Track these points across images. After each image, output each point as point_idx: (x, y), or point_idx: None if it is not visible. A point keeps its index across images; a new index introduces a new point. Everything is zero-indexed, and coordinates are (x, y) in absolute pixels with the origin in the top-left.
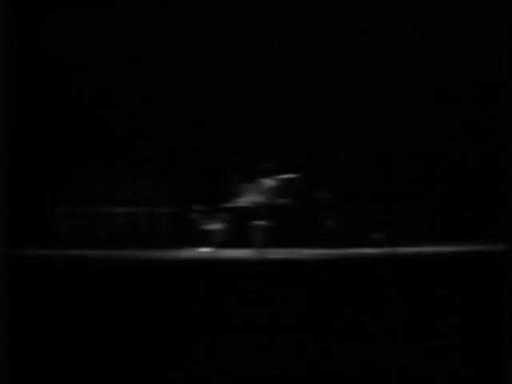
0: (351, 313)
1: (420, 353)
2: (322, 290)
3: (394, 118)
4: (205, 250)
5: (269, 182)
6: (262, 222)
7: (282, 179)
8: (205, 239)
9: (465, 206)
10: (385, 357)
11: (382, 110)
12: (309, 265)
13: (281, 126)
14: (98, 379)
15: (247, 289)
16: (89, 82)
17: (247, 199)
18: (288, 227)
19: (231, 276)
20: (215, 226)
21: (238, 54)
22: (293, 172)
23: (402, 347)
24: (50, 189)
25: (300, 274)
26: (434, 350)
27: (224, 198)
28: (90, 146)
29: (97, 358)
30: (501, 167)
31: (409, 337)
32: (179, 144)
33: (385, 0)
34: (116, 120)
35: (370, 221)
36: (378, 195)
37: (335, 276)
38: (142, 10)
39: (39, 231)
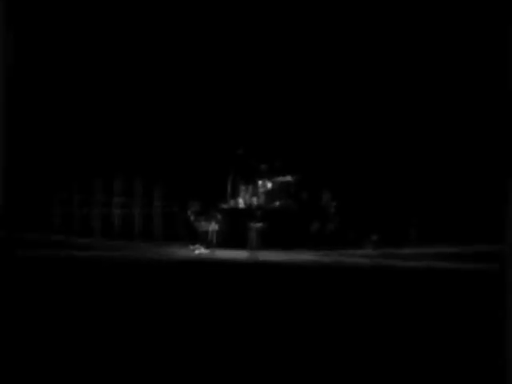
0: (346, 317)
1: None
2: (317, 293)
3: (392, 118)
4: (200, 251)
5: (266, 184)
6: (257, 224)
7: (280, 181)
8: (200, 240)
9: (462, 207)
10: (379, 364)
11: (381, 111)
12: (304, 268)
13: (279, 128)
14: (92, 379)
15: (241, 290)
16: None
17: (243, 200)
18: (284, 229)
19: (225, 277)
20: (210, 227)
21: (234, 56)
22: (291, 174)
23: (399, 353)
24: (47, 186)
25: (294, 277)
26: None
27: (220, 199)
28: (86, 148)
29: (88, 358)
30: (500, 167)
31: (407, 341)
32: (176, 143)
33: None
34: (114, 117)
35: (367, 223)
36: (376, 196)
37: (330, 279)
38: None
39: (34, 230)
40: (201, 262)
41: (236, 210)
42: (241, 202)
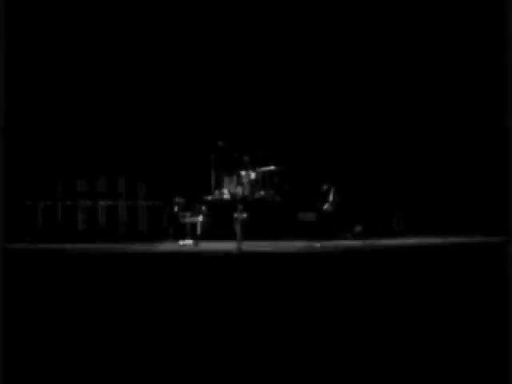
0: (333, 305)
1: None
2: (303, 282)
3: (387, 111)
4: (185, 243)
5: (249, 174)
6: (242, 215)
7: (263, 171)
8: (186, 232)
9: (463, 198)
10: (372, 351)
11: (374, 103)
12: (289, 257)
13: (263, 119)
14: (83, 372)
15: (228, 281)
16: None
17: (228, 191)
18: (269, 220)
19: (212, 269)
20: (196, 219)
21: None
22: (274, 164)
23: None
24: (32, 183)
25: (280, 267)
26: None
27: (205, 191)
28: (71, 140)
29: (78, 351)
30: (500, 159)
31: (398, 333)
32: (160, 137)
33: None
34: (97, 115)
35: (354, 214)
36: (362, 187)
37: (316, 268)
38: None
39: (21, 225)
40: (185, 254)
41: (221, 201)
42: (225, 193)
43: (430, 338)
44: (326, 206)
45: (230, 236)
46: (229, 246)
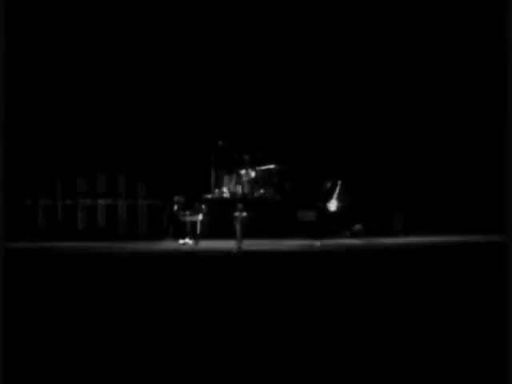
0: (333, 304)
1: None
2: (302, 280)
3: (387, 112)
4: (184, 241)
5: (249, 173)
6: (242, 214)
7: (263, 170)
8: (185, 231)
9: (463, 198)
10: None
11: (374, 104)
12: (289, 256)
13: (263, 119)
14: (83, 370)
15: (227, 280)
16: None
17: (228, 190)
18: (268, 218)
19: (211, 267)
20: (196, 218)
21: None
22: (274, 163)
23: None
24: (32, 182)
25: (280, 265)
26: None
27: (204, 190)
28: (71, 140)
29: (78, 348)
30: (499, 159)
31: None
32: (160, 137)
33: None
34: (97, 116)
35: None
36: (364, 186)
37: (316, 267)
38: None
39: (21, 224)
40: (185, 253)
41: (220, 200)
42: (225, 192)
43: (429, 335)
44: (333, 203)
45: (229, 234)
46: (228, 244)
